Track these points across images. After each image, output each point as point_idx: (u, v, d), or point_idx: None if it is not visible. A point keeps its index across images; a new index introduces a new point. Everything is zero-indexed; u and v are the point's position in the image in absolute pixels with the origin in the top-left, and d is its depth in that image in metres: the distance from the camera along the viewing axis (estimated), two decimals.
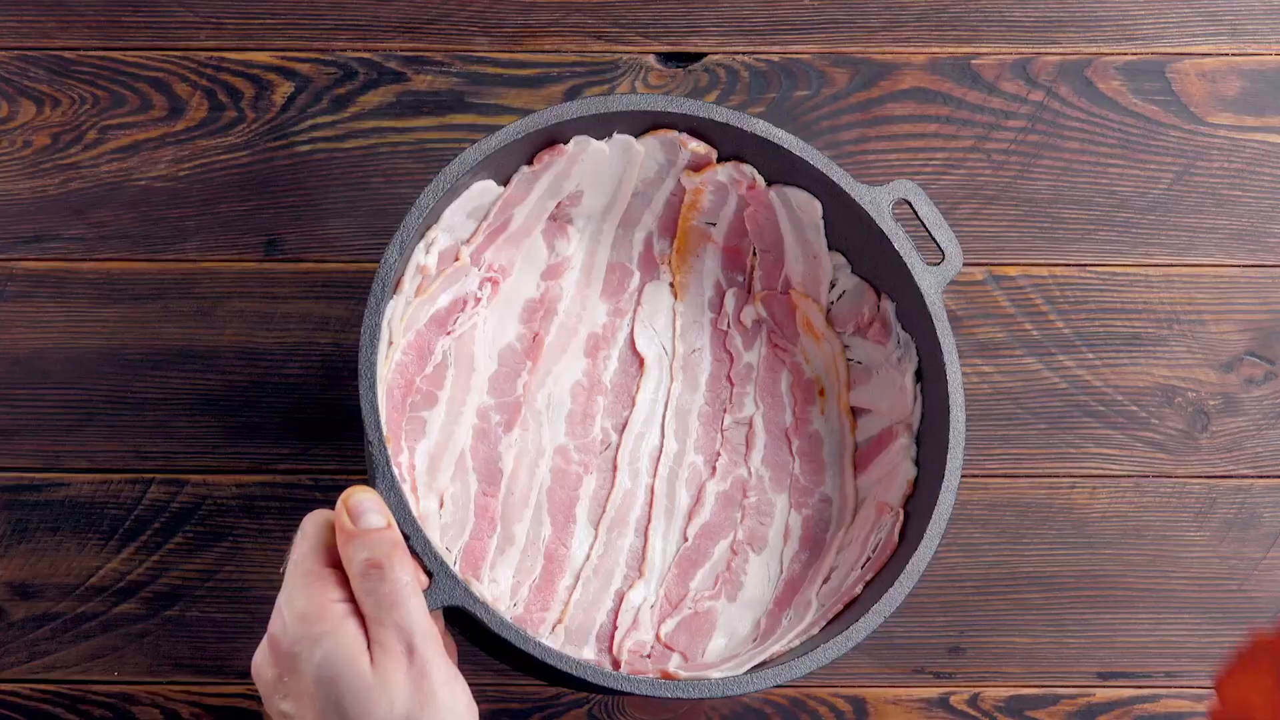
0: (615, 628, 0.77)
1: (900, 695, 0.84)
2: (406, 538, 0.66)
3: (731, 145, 0.75)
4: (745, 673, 0.70)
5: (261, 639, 0.64)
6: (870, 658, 0.84)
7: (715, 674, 0.70)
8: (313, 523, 0.65)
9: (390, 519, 0.65)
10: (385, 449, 0.67)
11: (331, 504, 0.65)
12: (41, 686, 0.82)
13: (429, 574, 0.66)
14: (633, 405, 0.79)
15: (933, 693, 0.84)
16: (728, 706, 0.83)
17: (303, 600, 0.62)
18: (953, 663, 0.84)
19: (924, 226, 0.74)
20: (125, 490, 0.83)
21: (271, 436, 0.84)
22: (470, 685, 0.83)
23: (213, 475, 0.83)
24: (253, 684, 0.66)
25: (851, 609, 0.73)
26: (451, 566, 0.75)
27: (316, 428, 0.84)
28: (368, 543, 0.63)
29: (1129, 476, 0.85)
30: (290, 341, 0.84)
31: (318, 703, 0.61)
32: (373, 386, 0.68)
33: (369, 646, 0.62)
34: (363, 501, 0.64)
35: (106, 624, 0.83)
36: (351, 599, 0.63)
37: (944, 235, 0.74)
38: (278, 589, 0.64)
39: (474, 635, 0.71)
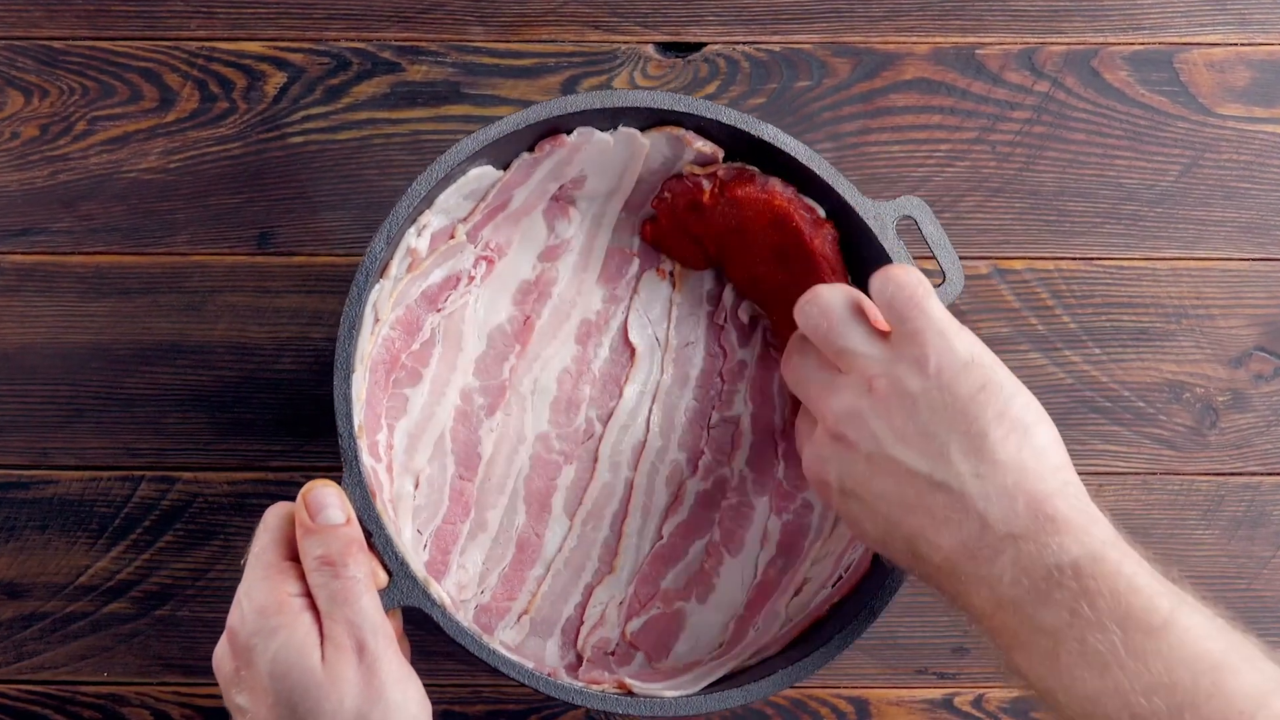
0: (581, 622, 0.76)
1: (903, 696, 0.83)
2: (368, 535, 0.65)
3: (738, 145, 0.74)
4: (698, 692, 0.71)
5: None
6: (873, 658, 0.83)
7: (669, 693, 0.70)
8: (274, 515, 0.65)
9: (351, 514, 0.65)
10: (355, 443, 0.67)
11: None
12: (29, 687, 0.82)
13: (389, 572, 0.66)
14: (620, 396, 0.78)
15: (936, 694, 0.83)
16: None
17: (261, 593, 0.62)
18: (956, 663, 0.83)
19: (927, 245, 0.73)
20: (115, 488, 0.82)
21: (263, 433, 0.83)
22: (468, 685, 0.83)
23: (204, 472, 0.82)
24: None
25: (815, 631, 0.73)
26: (421, 550, 0.75)
27: (309, 424, 0.83)
28: (324, 539, 0.63)
29: (1136, 474, 0.84)
30: (283, 336, 0.83)
31: (270, 696, 0.61)
32: (347, 379, 0.68)
33: (322, 642, 0.62)
34: (322, 496, 0.64)
35: (96, 624, 0.82)
36: (309, 593, 0.63)
37: (947, 257, 0.72)
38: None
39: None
